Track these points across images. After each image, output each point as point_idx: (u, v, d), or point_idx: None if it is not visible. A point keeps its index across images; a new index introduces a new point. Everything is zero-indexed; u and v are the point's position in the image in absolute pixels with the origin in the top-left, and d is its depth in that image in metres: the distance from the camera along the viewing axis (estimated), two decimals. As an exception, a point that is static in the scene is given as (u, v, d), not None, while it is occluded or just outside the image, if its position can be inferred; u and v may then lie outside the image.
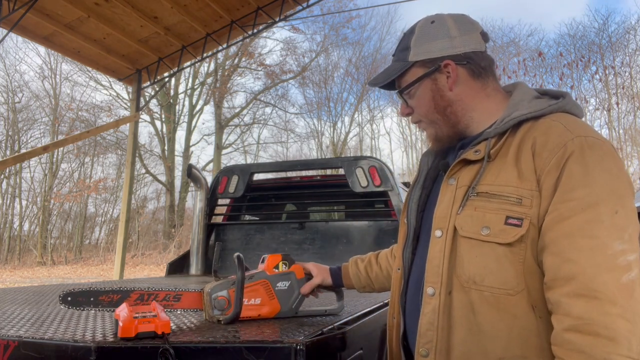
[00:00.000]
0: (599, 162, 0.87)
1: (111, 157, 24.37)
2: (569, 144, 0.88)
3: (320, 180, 4.01)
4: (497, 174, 0.94)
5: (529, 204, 0.89)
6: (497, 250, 0.90)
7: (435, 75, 1.06)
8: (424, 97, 1.08)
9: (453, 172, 1.01)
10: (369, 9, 23.03)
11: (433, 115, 1.07)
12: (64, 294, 1.26)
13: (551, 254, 0.86)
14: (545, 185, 0.88)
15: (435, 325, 0.95)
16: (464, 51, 1.04)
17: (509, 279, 0.90)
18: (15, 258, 22.45)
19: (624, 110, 16.81)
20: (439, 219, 0.99)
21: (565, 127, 0.92)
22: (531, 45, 20.33)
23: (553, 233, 0.86)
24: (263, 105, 24.90)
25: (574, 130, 0.91)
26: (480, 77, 1.06)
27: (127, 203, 8.30)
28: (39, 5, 6.42)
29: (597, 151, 0.88)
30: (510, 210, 0.89)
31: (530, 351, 0.88)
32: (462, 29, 1.06)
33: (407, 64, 1.07)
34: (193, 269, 3.50)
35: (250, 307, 1.33)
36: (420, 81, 1.07)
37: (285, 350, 1.04)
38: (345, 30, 24.89)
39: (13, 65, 31.45)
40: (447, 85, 1.05)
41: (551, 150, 0.89)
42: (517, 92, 1.05)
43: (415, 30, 1.09)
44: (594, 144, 0.89)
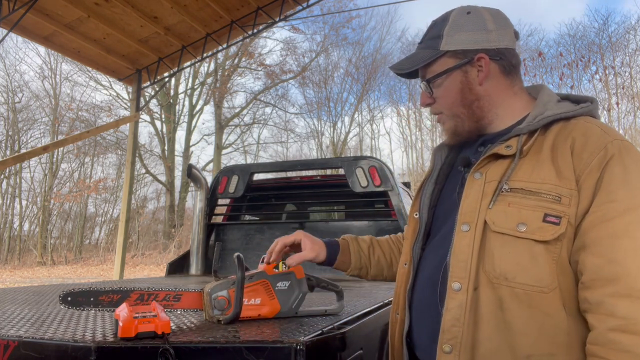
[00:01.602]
0: (637, 166, 0.88)
1: (111, 157, 24.40)
2: (609, 146, 0.89)
3: (320, 180, 4.02)
4: (531, 170, 0.93)
5: (568, 202, 0.88)
6: (532, 247, 0.89)
7: (466, 68, 1.03)
8: (451, 88, 1.05)
9: (480, 167, 0.98)
10: (369, 9, 23.05)
11: (458, 108, 1.05)
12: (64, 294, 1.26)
13: (593, 254, 0.85)
14: (585, 185, 0.88)
15: (462, 321, 0.92)
16: (498, 46, 1.02)
17: (543, 276, 0.89)
18: (15, 258, 22.45)
19: (624, 110, 16.82)
20: (465, 213, 0.96)
21: (602, 129, 0.92)
22: (531, 45, 20.35)
23: (595, 233, 0.85)
24: (263, 105, 24.93)
25: (611, 133, 0.92)
26: (509, 75, 1.05)
27: (127, 203, 8.30)
28: (39, 5, 6.42)
29: (633, 155, 0.89)
30: (549, 207, 0.89)
31: (559, 349, 0.88)
32: (498, 23, 1.04)
33: (437, 52, 1.04)
34: (193, 269, 3.50)
35: (250, 307, 1.33)
36: (450, 72, 1.04)
37: (285, 350, 1.05)
38: (345, 30, 24.92)
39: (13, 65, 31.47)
40: (477, 79, 1.03)
41: (592, 151, 0.89)
42: (543, 93, 1.04)
43: (449, 19, 1.05)
44: (630, 148, 0.90)
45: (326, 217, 4.68)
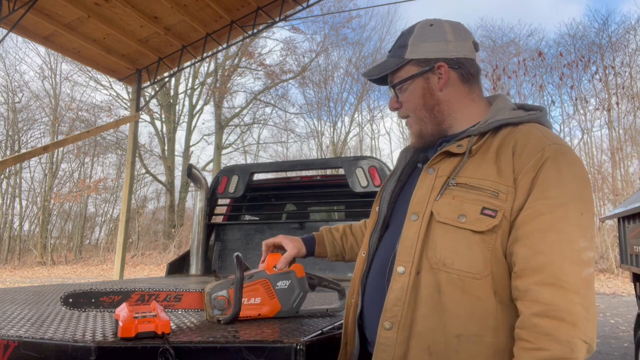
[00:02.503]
0: (571, 168, 0.96)
1: (111, 157, 24.40)
2: (547, 148, 0.97)
3: (320, 180, 4.01)
4: (476, 168, 1.02)
5: (505, 198, 0.96)
6: (470, 237, 0.97)
7: (428, 75, 1.13)
8: (415, 93, 1.14)
9: (433, 163, 1.08)
10: (369, 9, 23.07)
11: (421, 112, 1.14)
12: (65, 295, 1.26)
13: (524, 246, 0.93)
14: (522, 183, 0.96)
15: (403, 301, 1.01)
16: (457, 56, 1.12)
17: (477, 264, 0.97)
18: (15, 258, 22.45)
19: (624, 110, 16.78)
20: (415, 204, 1.05)
21: (543, 134, 1.01)
22: (531, 45, 20.34)
23: (527, 227, 0.93)
24: (263, 105, 24.93)
25: (550, 138, 1.00)
26: (468, 83, 1.14)
27: (127, 203, 8.30)
28: (39, 5, 6.42)
29: (569, 158, 0.98)
30: (487, 202, 0.97)
31: (486, 331, 0.95)
32: (457, 35, 1.13)
33: (402, 60, 1.14)
34: (193, 269, 3.50)
35: (250, 307, 1.33)
36: (413, 78, 1.14)
37: (285, 350, 1.05)
38: (345, 30, 24.92)
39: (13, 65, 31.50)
40: (438, 85, 1.12)
41: (530, 152, 0.97)
42: (498, 101, 1.14)
43: (414, 31, 1.15)
44: (567, 151, 0.99)
45: (326, 217, 4.67)
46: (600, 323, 7.10)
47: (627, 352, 5.18)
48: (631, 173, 16.27)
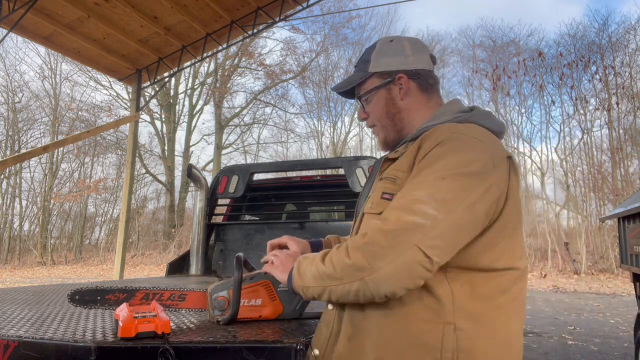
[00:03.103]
0: (450, 150, 1.00)
1: (111, 157, 24.40)
2: (442, 136, 1.04)
3: (320, 180, 4.01)
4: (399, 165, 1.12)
5: (400, 182, 1.06)
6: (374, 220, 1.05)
7: (389, 86, 1.23)
8: (378, 103, 1.24)
9: (382, 169, 1.17)
10: (369, 9, 23.07)
11: (384, 120, 1.24)
12: (72, 292, 1.27)
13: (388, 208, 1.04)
14: (414, 167, 1.05)
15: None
16: (416, 68, 1.22)
17: None
18: (15, 258, 22.45)
19: (624, 110, 16.75)
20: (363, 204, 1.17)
21: (450, 128, 1.07)
22: (531, 45, 20.29)
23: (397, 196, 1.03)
24: (263, 105, 24.93)
25: (455, 130, 1.06)
26: (426, 92, 1.23)
27: (127, 203, 8.30)
28: (39, 5, 6.42)
29: (454, 144, 1.02)
30: (386, 187, 1.09)
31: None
32: (415, 49, 1.24)
33: (366, 74, 1.25)
34: (193, 269, 3.49)
35: (251, 308, 1.32)
36: (376, 90, 1.24)
37: (285, 350, 1.05)
38: (345, 30, 24.92)
39: (13, 65, 31.51)
40: (399, 95, 1.22)
41: (429, 141, 1.05)
42: (443, 107, 1.21)
43: (376, 46, 1.26)
44: (462, 138, 1.03)
45: (326, 217, 4.67)
46: (600, 323, 7.10)
47: (627, 352, 5.18)
48: (631, 173, 16.26)
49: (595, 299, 9.96)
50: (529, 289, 12.12)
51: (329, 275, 0.99)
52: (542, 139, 21.41)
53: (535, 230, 17.18)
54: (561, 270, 14.49)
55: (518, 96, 19.17)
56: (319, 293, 1.03)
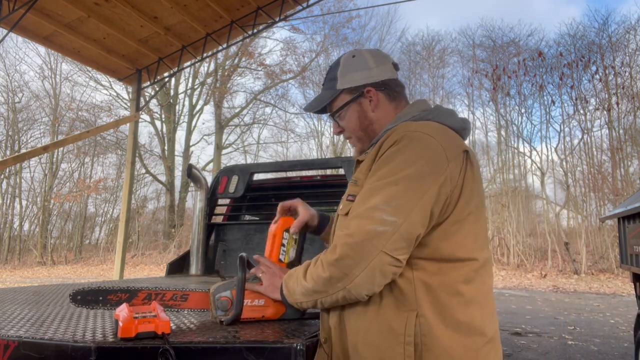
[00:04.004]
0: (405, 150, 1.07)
1: (111, 157, 24.40)
2: (398, 136, 1.10)
3: (320, 180, 4.01)
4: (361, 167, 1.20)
5: (361, 184, 1.14)
6: (342, 220, 1.17)
7: (360, 100, 1.28)
8: (351, 117, 1.30)
9: (355, 172, 1.27)
10: (369, 9, 23.07)
11: (358, 132, 1.30)
12: (74, 292, 1.26)
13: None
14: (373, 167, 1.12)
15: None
16: (382, 79, 1.27)
17: None
18: (15, 258, 22.45)
19: (624, 110, 16.74)
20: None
21: (405, 127, 1.14)
22: (531, 45, 20.26)
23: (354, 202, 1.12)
24: (263, 105, 24.93)
25: (409, 128, 1.12)
26: (394, 100, 1.29)
27: (127, 203, 8.30)
28: (39, 5, 6.42)
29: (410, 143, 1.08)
30: (350, 189, 1.19)
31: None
32: (377, 61, 1.29)
33: (335, 91, 1.30)
34: (193, 269, 3.49)
35: (254, 309, 1.31)
36: (348, 105, 1.29)
37: (285, 350, 1.05)
38: (345, 30, 24.92)
39: (13, 65, 31.53)
40: (370, 107, 1.27)
41: (387, 141, 1.12)
42: (406, 109, 1.27)
43: (340, 63, 1.31)
44: (415, 136, 1.09)
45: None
46: (600, 323, 7.10)
47: (627, 352, 5.18)
48: (631, 173, 16.26)
49: (595, 299, 9.96)
50: (529, 288, 12.11)
51: (315, 290, 1.11)
52: (542, 139, 21.44)
53: (535, 230, 17.18)
54: (561, 270, 14.49)
55: (518, 96, 19.18)
56: (312, 305, 1.17)
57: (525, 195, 17.98)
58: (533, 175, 19.33)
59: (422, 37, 25.84)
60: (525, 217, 17.35)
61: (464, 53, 22.09)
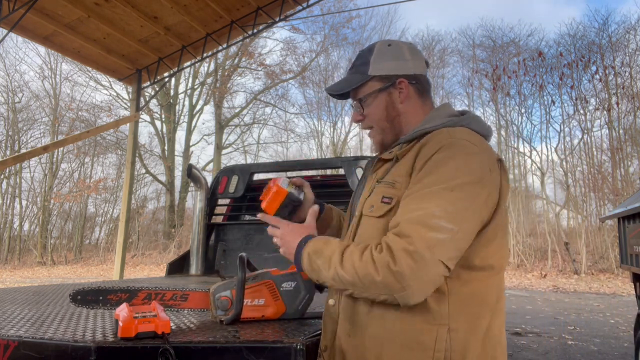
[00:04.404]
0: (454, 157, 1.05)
1: (111, 157, 24.39)
2: (443, 141, 1.08)
3: (320, 180, 4.01)
4: (396, 169, 1.15)
5: (400, 187, 1.09)
6: (375, 223, 1.11)
7: (390, 90, 1.24)
8: (379, 106, 1.25)
9: (375, 169, 1.22)
10: (369, 9, 23.05)
11: (383, 123, 1.25)
12: (74, 292, 1.27)
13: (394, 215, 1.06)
14: (414, 171, 1.08)
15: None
16: (415, 72, 1.25)
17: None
18: (15, 258, 22.44)
19: (624, 110, 16.72)
20: (358, 205, 1.21)
21: (449, 133, 1.11)
22: (531, 45, 20.24)
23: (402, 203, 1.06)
24: (263, 105, 24.92)
25: (454, 135, 1.10)
26: (422, 96, 1.26)
27: (127, 203, 8.30)
28: (39, 5, 6.42)
29: (457, 150, 1.06)
30: (385, 191, 1.12)
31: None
32: (413, 54, 1.26)
33: (366, 77, 1.24)
34: (193, 269, 3.49)
35: (254, 308, 1.32)
36: (377, 93, 1.24)
37: (285, 350, 1.05)
38: (345, 30, 24.90)
39: (13, 65, 31.54)
40: (399, 98, 1.24)
41: (429, 146, 1.09)
42: (434, 111, 1.24)
43: (374, 50, 1.26)
44: (462, 144, 1.07)
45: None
46: (600, 323, 7.09)
47: (627, 352, 5.18)
48: (631, 173, 16.25)
49: (595, 299, 9.96)
50: (529, 288, 12.11)
51: (352, 283, 1.03)
52: (542, 139, 21.42)
53: (535, 230, 17.17)
54: (561, 270, 14.49)
55: (518, 96, 19.17)
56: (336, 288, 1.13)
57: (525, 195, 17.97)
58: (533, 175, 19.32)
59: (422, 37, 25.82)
60: (525, 217, 17.35)
61: (464, 53, 22.10)
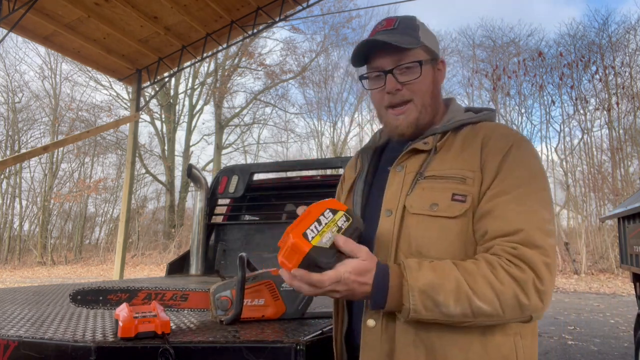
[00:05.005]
0: (531, 155, 1.03)
1: (111, 157, 24.39)
2: (511, 137, 1.04)
3: (320, 180, 4.01)
4: (441, 162, 1.05)
5: (472, 183, 1.00)
6: (444, 224, 0.98)
7: (433, 65, 1.14)
8: (427, 78, 1.12)
9: (401, 161, 1.09)
10: (369, 9, 23.04)
11: (427, 99, 1.12)
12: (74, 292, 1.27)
13: (494, 217, 0.96)
14: (488, 167, 1.00)
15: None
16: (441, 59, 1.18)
17: (453, 250, 0.98)
18: (15, 258, 22.44)
19: (624, 110, 16.74)
20: (388, 201, 1.06)
21: (507, 127, 1.10)
22: (531, 45, 20.27)
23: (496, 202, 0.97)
24: (263, 105, 24.92)
25: (513, 131, 1.09)
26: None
27: (127, 203, 8.30)
28: (39, 5, 6.42)
29: (529, 147, 1.05)
30: (455, 188, 1.00)
31: None
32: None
33: (419, 42, 1.10)
34: (193, 269, 3.49)
35: (254, 308, 1.32)
36: (426, 64, 1.11)
37: (285, 350, 1.05)
38: (345, 30, 24.92)
39: (13, 65, 31.53)
40: (439, 79, 1.16)
41: (497, 140, 1.04)
42: (454, 104, 1.19)
43: (416, 20, 1.16)
44: (527, 141, 1.06)
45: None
46: (600, 323, 7.09)
47: (627, 352, 5.18)
48: (631, 173, 16.26)
49: (595, 299, 9.96)
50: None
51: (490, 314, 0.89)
52: (542, 139, 21.35)
53: (535, 230, 17.13)
54: (561, 270, 14.48)
55: (518, 96, 19.18)
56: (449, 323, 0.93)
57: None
58: (533, 175, 19.28)
59: (422, 37, 25.74)
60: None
61: (464, 53, 22.12)
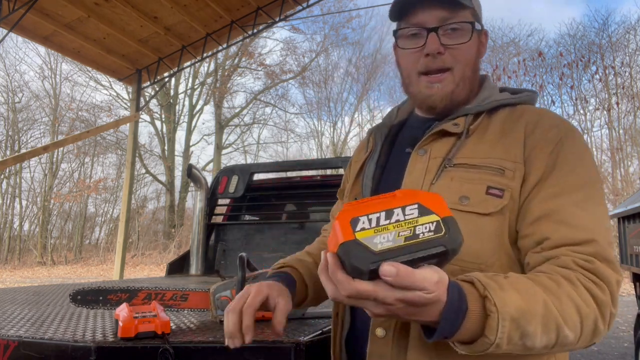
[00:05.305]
0: (585, 149, 0.89)
1: (111, 157, 24.39)
2: (561, 126, 0.89)
3: (320, 180, 4.01)
4: (475, 148, 0.90)
5: (512, 176, 0.84)
6: (475, 221, 0.83)
7: (479, 34, 0.98)
8: (472, 46, 0.96)
9: (425, 144, 0.94)
10: (369, 9, 23.03)
11: (469, 69, 0.96)
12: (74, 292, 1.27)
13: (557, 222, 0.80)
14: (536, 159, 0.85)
15: None
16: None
17: (484, 252, 0.83)
18: (15, 258, 22.44)
19: (624, 110, 16.77)
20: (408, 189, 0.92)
21: (554, 113, 0.93)
22: (531, 45, 20.30)
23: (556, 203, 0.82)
24: (263, 105, 24.92)
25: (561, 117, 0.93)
26: None
27: (127, 203, 8.30)
28: (39, 5, 6.42)
29: (582, 139, 0.90)
30: (491, 180, 0.85)
31: None
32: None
33: (469, 2, 0.94)
34: (193, 269, 3.49)
35: None
36: (474, 29, 0.94)
37: (285, 350, 1.04)
38: (345, 30, 24.92)
39: (13, 65, 31.49)
40: (482, 52, 1.00)
41: (545, 128, 0.88)
42: (488, 81, 1.02)
43: None
44: (579, 133, 0.92)
45: (326, 217, 4.67)
46: (600, 323, 7.09)
47: (627, 352, 5.18)
48: (631, 173, 16.26)
49: (595, 299, 9.94)
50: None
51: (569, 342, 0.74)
52: (542, 139, 21.39)
53: (535, 230, 17.15)
54: (561, 270, 14.49)
55: (518, 96, 19.15)
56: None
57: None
58: (533, 175, 19.31)
59: (422, 37, 25.70)
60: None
61: (464, 53, 22.08)
